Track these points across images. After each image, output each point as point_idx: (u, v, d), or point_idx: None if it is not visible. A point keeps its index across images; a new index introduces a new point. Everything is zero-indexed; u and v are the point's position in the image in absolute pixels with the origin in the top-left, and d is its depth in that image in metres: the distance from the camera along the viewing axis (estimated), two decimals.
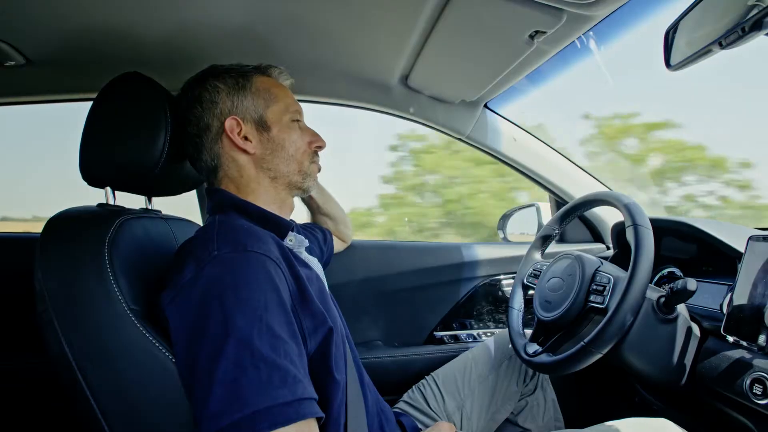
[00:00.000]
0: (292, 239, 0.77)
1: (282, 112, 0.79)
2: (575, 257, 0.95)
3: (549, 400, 1.11)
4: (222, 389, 0.51)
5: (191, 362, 0.55)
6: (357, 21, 0.93)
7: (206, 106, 0.75)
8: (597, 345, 0.78)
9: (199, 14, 0.88)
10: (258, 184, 0.77)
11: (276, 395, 0.52)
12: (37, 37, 0.93)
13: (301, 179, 0.80)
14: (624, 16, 0.87)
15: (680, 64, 0.70)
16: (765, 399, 0.70)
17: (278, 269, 0.61)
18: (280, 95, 0.80)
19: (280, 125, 0.78)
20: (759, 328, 0.72)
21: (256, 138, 0.76)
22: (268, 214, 0.75)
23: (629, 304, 0.77)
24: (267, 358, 0.53)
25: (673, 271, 1.08)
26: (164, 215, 0.87)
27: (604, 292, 0.85)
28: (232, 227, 0.66)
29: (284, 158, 0.78)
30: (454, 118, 1.34)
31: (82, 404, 0.62)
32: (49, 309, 0.63)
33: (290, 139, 0.78)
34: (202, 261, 0.60)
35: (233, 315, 0.54)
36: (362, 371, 0.83)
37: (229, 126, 0.74)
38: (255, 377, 0.52)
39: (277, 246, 0.66)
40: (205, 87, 0.76)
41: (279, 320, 0.57)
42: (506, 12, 0.82)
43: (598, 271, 0.90)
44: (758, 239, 0.78)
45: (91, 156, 0.75)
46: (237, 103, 0.76)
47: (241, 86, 0.77)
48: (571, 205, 1.07)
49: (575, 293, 0.89)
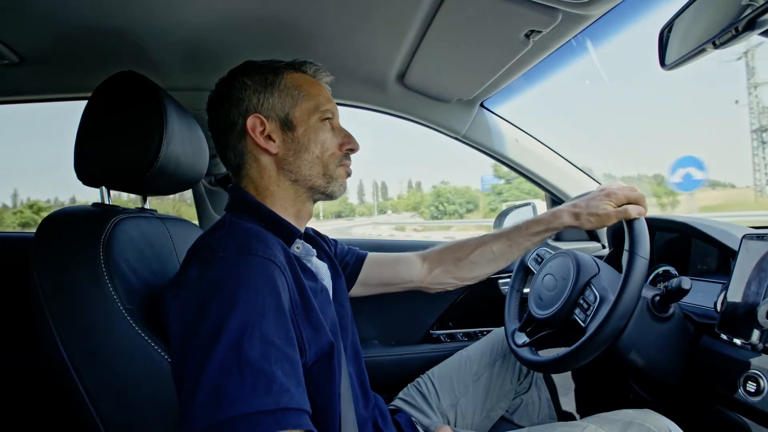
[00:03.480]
0: (300, 246, 0.75)
1: (311, 111, 0.76)
2: (573, 260, 0.93)
3: (544, 399, 1.12)
4: (205, 392, 0.50)
5: (183, 361, 0.55)
6: (352, 20, 0.93)
7: (233, 103, 0.74)
8: (568, 363, 0.80)
9: (194, 12, 0.88)
10: (278, 187, 0.75)
11: (257, 403, 0.50)
12: (31, 35, 0.92)
13: (325, 183, 0.77)
14: (619, 15, 0.87)
15: (674, 64, 0.71)
16: (758, 396, 0.71)
17: (281, 275, 0.61)
18: (312, 93, 0.77)
19: (306, 125, 0.75)
20: (753, 326, 0.73)
21: (279, 138, 0.74)
22: (279, 220, 0.74)
23: (607, 332, 0.76)
24: (254, 364, 0.52)
25: (668, 269, 1.08)
26: (159, 215, 0.87)
27: (587, 311, 0.85)
28: (240, 230, 0.66)
29: (308, 160, 0.75)
30: (450, 117, 1.34)
31: (78, 403, 0.62)
32: (44, 308, 0.63)
33: (317, 140, 0.75)
34: (208, 262, 0.59)
35: (228, 317, 0.53)
36: (362, 367, 0.83)
37: (251, 124, 0.73)
38: (239, 382, 0.50)
39: (284, 252, 0.65)
40: (234, 84, 0.75)
41: (275, 326, 0.56)
42: (502, 11, 0.82)
43: (590, 284, 0.89)
44: (752, 238, 0.79)
45: (85, 155, 0.74)
46: (263, 101, 0.74)
47: (269, 83, 0.75)
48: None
49: (564, 300, 0.89)
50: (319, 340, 0.64)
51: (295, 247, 0.74)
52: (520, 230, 0.96)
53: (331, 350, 0.65)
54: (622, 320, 0.77)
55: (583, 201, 0.91)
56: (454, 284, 1.04)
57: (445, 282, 1.03)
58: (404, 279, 1.02)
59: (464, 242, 1.02)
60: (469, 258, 1.00)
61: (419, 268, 1.03)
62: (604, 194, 0.89)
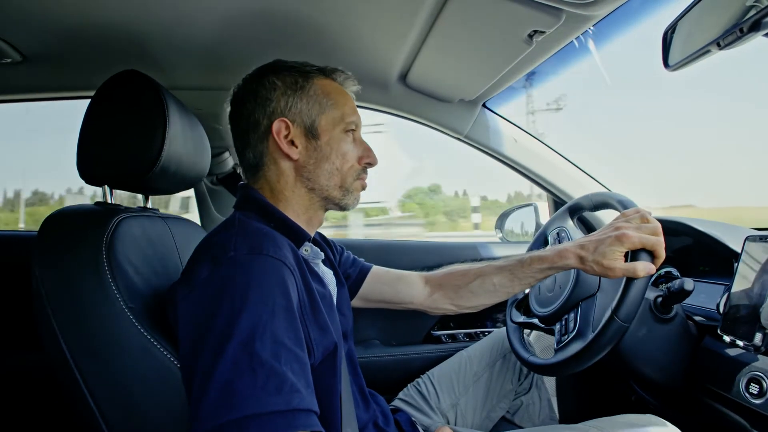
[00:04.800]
0: (308, 249, 0.74)
1: (336, 121, 0.75)
2: (575, 271, 0.91)
3: (544, 400, 1.12)
4: (216, 390, 0.50)
5: (194, 360, 0.55)
6: (355, 19, 0.93)
7: (260, 102, 0.73)
8: (565, 368, 0.80)
9: (197, 11, 0.88)
10: (293, 193, 0.75)
11: (269, 402, 0.50)
12: (34, 33, 0.92)
13: (340, 195, 0.76)
14: (623, 15, 0.87)
15: (678, 65, 0.70)
16: (761, 398, 0.70)
17: (291, 276, 0.60)
18: (339, 102, 0.76)
19: (330, 135, 0.74)
20: (755, 328, 0.73)
21: (302, 144, 0.73)
22: (290, 223, 0.73)
23: (607, 338, 0.74)
24: (266, 363, 0.52)
25: (671, 270, 1.08)
26: (162, 214, 0.87)
27: (564, 335, 0.86)
28: (251, 229, 0.65)
29: (327, 170, 0.74)
30: (453, 117, 1.34)
31: (80, 401, 0.62)
32: (47, 307, 0.63)
33: (339, 151, 0.74)
34: (218, 260, 0.59)
35: (239, 316, 0.53)
36: (359, 373, 0.83)
37: (276, 128, 0.72)
38: (250, 381, 0.50)
39: (293, 253, 0.65)
40: (263, 83, 0.74)
41: (285, 327, 0.56)
42: (505, 11, 0.82)
43: (578, 307, 0.87)
44: (755, 239, 0.79)
45: (88, 154, 0.74)
46: (291, 105, 0.73)
47: (299, 87, 0.73)
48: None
49: (561, 303, 0.90)
50: (325, 340, 0.64)
51: (303, 250, 0.74)
52: (523, 265, 0.90)
53: (335, 350, 0.65)
54: (621, 330, 0.73)
55: (593, 243, 0.79)
56: (453, 310, 1.02)
57: (444, 308, 1.02)
58: (404, 300, 1.02)
59: (466, 270, 0.99)
60: (469, 287, 0.97)
61: (420, 289, 1.02)
62: (616, 236, 0.75)
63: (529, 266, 0.88)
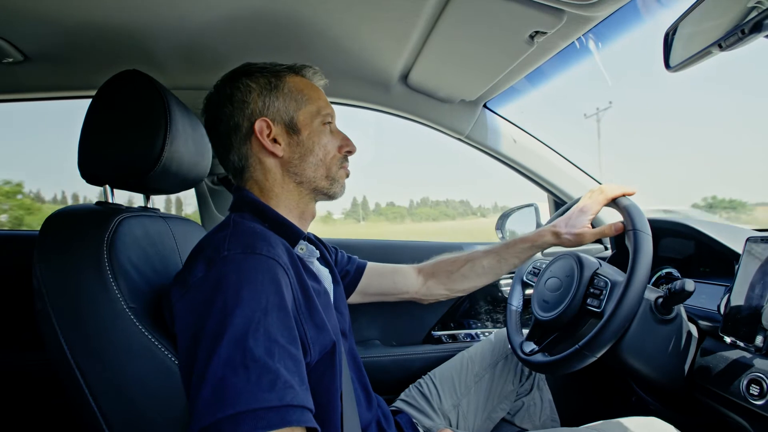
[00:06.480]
0: (303, 248, 0.76)
1: (313, 115, 0.77)
2: (574, 258, 0.95)
3: (546, 400, 1.12)
4: (210, 387, 0.51)
5: (190, 359, 0.55)
6: (357, 19, 0.93)
7: (237, 106, 0.74)
8: (591, 349, 0.78)
9: (198, 11, 0.88)
10: (282, 189, 0.76)
11: (262, 398, 0.50)
12: (35, 33, 0.92)
13: (328, 185, 0.79)
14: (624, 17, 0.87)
15: (680, 66, 0.70)
16: (762, 399, 0.70)
17: (285, 275, 0.61)
18: (313, 97, 0.78)
19: (310, 128, 0.77)
20: (756, 329, 0.73)
21: (285, 141, 0.75)
22: (284, 221, 0.74)
23: (625, 310, 0.76)
24: (259, 360, 0.52)
25: (671, 271, 1.08)
26: (162, 214, 0.87)
27: (600, 296, 0.86)
28: (245, 229, 0.66)
29: (312, 163, 0.76)
30: (454, 118, 1.34)
31: (81, 401, 0.62)
32: (48, 307, 0.63)
33: (320, 143, 0.77)
34: (212, 261, 0.60)
35: (232, 314, 0.54)
36: (362, 371, 0.83)
37: (258, 128, 0.73)
38: (243, 378, 0.51)
39: (287, 252, 0.66)
40: (237, 86, 0.75)
41: (279, 324, 0.56)
42: (507, 12, 0.82)
43: (596, 274, 0.90)
44: (756, 240, 0.79)
45: (89, 154, 0.74)
46: (268, 104, 0.75)
47: (273, 86, 0.75)
48: (573, 203, 1.07)
49: (572, 294, 0.89)
50: (322, 338, 0.64)
51: (298, 248, 0.75)
52: (508, 247, 1.04)
53: (333, 348, 0.66)
54: (638, 298, 0.77)
55: (563, 220, 0.99)
56: (446, 295, 1.10)
57: (438, 293, 1.10)
58: (401, 290, 1.08)
59: (456, 257, 1.10)
60: (460, 271, 1.07)
61: (414, 279, 1.09)
62: (580, 209, 0.97)
63: (513, 247, 1.03)
